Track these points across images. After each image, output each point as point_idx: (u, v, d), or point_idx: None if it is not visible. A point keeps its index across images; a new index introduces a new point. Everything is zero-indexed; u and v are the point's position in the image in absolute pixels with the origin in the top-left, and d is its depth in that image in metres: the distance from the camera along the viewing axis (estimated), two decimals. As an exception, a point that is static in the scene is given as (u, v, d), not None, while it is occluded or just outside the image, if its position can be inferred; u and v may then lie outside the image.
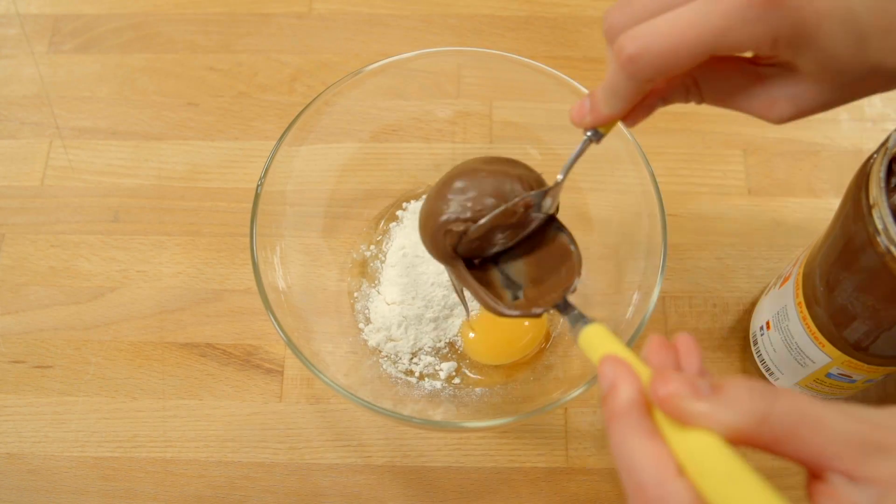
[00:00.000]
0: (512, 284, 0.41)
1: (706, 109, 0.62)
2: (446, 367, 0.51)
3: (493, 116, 0.60)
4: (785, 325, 0.45)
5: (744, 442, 0.24)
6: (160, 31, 0.67)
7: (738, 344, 0.53)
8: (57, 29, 0.67)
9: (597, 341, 0.31)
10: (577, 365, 0.49)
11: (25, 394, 0.53)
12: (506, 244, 0.41)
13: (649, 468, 0.24)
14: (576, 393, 0.41)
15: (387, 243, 0.56)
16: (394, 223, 0.56)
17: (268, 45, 0.66)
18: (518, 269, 0.42)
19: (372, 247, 0.56)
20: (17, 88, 0.64)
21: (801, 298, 0.43)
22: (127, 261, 0.57)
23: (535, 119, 0.57)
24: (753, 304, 0.54)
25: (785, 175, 0.59)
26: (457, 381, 0.51)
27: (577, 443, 0.51)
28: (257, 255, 0.45)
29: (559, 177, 0.39)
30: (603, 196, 0.54)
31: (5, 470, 0.51)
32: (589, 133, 0.36)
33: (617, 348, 0.30)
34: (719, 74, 0.34)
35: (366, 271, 0.55)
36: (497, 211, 0.38)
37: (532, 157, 0.58)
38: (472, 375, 0.52)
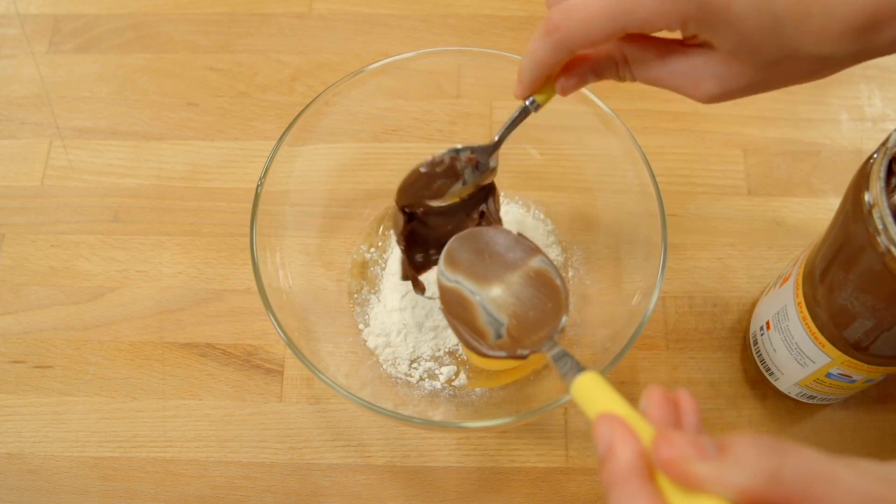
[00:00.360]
0: (494, 322, 0.40)
1: (706, 109, 0.62)
2: (446, 371, 0.51)
3: (493, 116, 0.60)
4: (785, 325, 0.45)
5: (754, 503, 0.22)
6: (160, 31, 0.67)
7: (738, 344, 0.53)
8: (57, 29, 0.67)
9: (591, 394, 0.29)
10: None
11: (25, 394, 0.53)
12: (442, 195, 0.43)
13: None
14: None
15: (388, 250, 0.56)
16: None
17: (268, 45, 0.66)
18: (500, 303, 0.41)
19: (372, 249, 0.56)
20: (17, 88, 0.64)
21: (801, 298, 0.43)
22: (127, 261, 0.57)
23: (535, 119, 0.56)
24: (753, 304, 0.54)
25: (785, 175, 0.59)
26: (457, 381, 0.51)
27: (577, 443, 0.51)
28: (257, 255, 0.45)
29: (495, 137, 0.41)
30: (603, 196, 0.54)
31: (5, 470, 0.51)
32: (527, 102, 0.39)
33: (613, 402, 0.28)
34: (646, 53, 0.35)
35: (366, 274, 0.55)
36: (426, 160, 0.41)
37: (532, 157, 0.58)
38: (471, 376, 0.51)
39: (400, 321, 0.52)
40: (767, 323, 0.48)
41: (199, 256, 0.57)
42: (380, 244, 0.56)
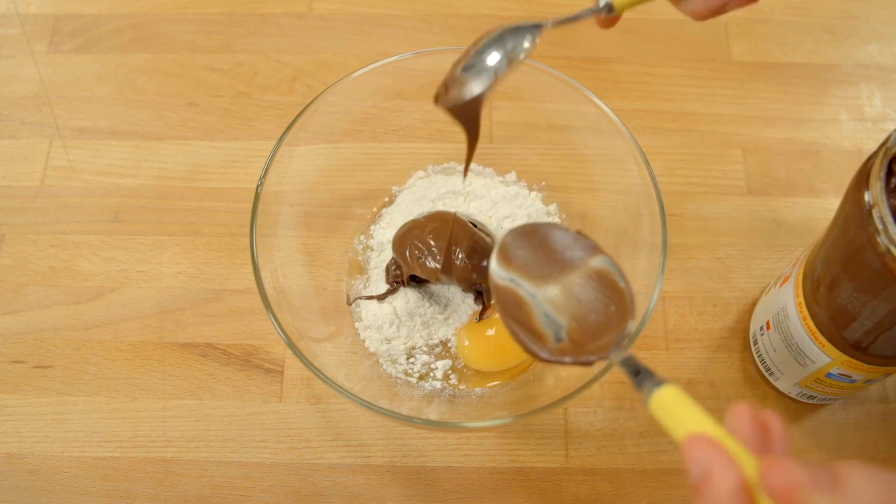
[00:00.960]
0: (553, 324, 0.36)
1: (706, 109, 0.63)
2: (441, 366, 0.51)
3: (493, 116, 0.60)
4: (785, 325, 0.45)
5: None
6: (160, 31, 0.67)
7: (738, 344, 0.53)
8: (57, 29, 0.67)
9: (674, 410, 0.27)
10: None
11: (25, 394, 0.53)
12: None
13: None
14: (576, 393, 0.41)
15: (376, 242, 0.56)
16: (385, 209, 0.57)
17: (268, 45, 0.66)
18: (559, 305, 0.37)
19: (364, 240, 0.56)
20: (17, 88, 0.64)
21: (801, 298, 0.43)
22: (127, 261, 0.57)
23: (535, 119, 0.57)
24: (753, 304, 0.54)
25: (785, 175, 0.59)
26: (456, 381, 0.51)
27: (577, 443, 0.51)
28: (257, 255, 0.45)
29: (549, 22, 0.36)
30: (603, 196, 0.54)
31: (5, 470, 0.51)
32: (602, 2, 0.34)
33: (701, 421, 0.26)
34: None
35: (360, 268, 0.55)
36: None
37: (532, 156, 0.58)
38: (471, 377, 0.52)
39: (391, 312, 0.52)
40: (767, 323, 0.48)
41: (199, 256, 0.57)
42: (372, 236, 0.56)
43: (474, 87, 0.36)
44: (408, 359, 0.52)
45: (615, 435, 0.51)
